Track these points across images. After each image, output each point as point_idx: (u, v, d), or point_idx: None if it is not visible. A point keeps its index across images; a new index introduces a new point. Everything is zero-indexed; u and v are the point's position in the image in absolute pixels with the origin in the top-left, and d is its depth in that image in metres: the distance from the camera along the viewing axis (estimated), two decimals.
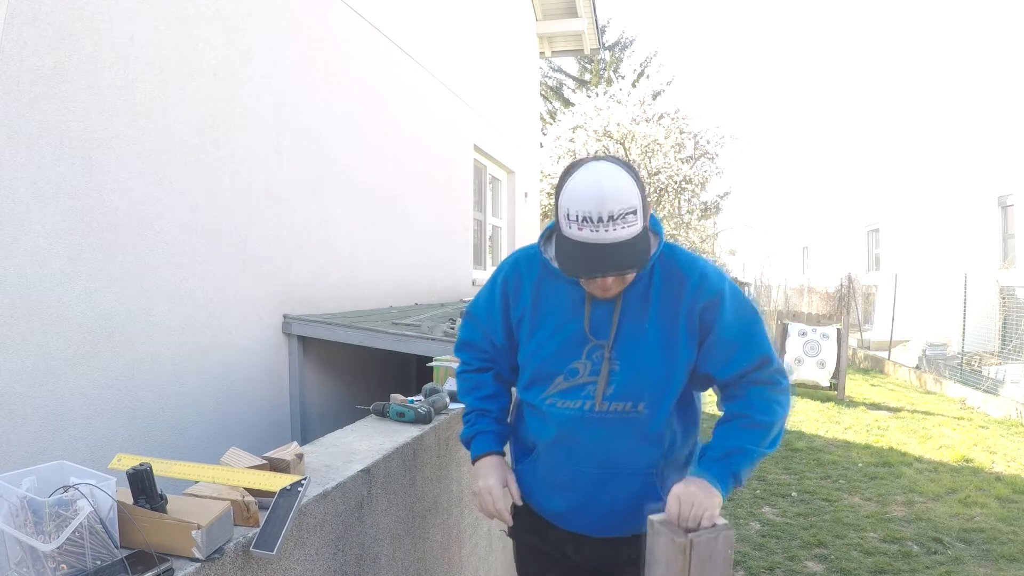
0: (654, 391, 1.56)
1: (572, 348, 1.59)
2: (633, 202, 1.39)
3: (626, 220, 1.39)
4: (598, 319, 1.57)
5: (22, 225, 2.42)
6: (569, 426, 1.60)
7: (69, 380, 2.62)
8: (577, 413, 1.58)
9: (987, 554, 3.94)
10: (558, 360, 1.60)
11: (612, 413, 1.56)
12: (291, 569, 1.33)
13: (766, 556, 3.97)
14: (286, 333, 4.00)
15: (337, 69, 4.60)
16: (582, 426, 1.58)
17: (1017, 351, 8.80)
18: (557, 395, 1.60)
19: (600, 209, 1.37)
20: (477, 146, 7.69)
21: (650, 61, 25.84)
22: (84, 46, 2.65)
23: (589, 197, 1.38)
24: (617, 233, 1.39)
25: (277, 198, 3.93)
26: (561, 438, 1.62)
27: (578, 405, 1.58)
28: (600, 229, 1.38)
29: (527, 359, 1.66)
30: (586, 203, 1.38)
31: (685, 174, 19.59)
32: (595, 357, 1.57)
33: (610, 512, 1.62)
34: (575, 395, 1.58)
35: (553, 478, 1.66)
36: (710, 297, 1.55)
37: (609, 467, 1.59)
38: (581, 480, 1.61)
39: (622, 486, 1.60)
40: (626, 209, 1.38)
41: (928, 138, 13.44)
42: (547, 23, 10.51)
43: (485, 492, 1.67)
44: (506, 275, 1.70)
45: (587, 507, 1.63)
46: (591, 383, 1.57)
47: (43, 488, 1.03)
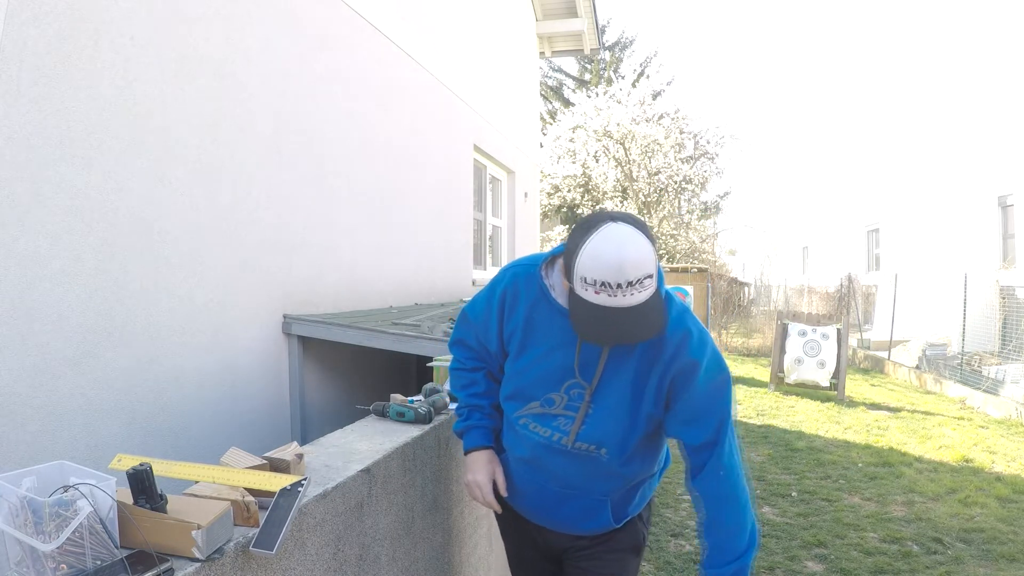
0: (617, 440, 1.63)
1: (554, 379, 1.63)
2: (650, 268, 1.41)
3: (643, 285, 1.40)
4: (585, 358, 1.60)
5: (22, 225, 2.42)
6: (537, 451, 1.71)
7: (69, 380, 2.62)
8: (546, 441, 1.68)
9: (987, 554, 3.94)
10: (538, 386, 1.66)
11: (578, 451, 1.66)
12: (291, 569, 1.33)
13: (766, 556, 3.97)
14: (286, 333, 4.00)
15: (337, 69, 4.60)
16: (549, 454, 1.69)
17: (1017, 351, 8.80)
18: (530, 417, 1.69)
19: (619, 278, 1.38)
20: (477, 146, 7.69)
21: (650, 61, 25.87)
22: (84, 46, 2.65)
23: (608, 266, 1.38)
24: (634, 298, 1.40)
25: (277, 198, 3.92)
26: (530, 459, 1.74)
27: (547, 434, 1.67)
28: (617, 294, 1.39)
29: (510, 376, 1.73)
30: (605, 272, 1.38)
31: (685, 174, 19.60)
32: (573, 394, 1.63)
33: (568, 519, 1.78)
34: (547, 423, 1.67)
35: (520, 485, 1.79)
36: (685, 365, 1.57)
37: (570, 488, 1.72)
38: (545, 495, 1.76)
39: (581, 503, 1.74)
40: (644, 275, 1.39)
41: (928, 138, 13.44)
42: (547, 23, 10.51)
43: (473, 486, 1.80)
44: (505, 287, 1.72)
45: (548, 515, 1.80)
46: (563, 416, 1.64)
47: (43, 488, 1.03)
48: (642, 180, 19.71)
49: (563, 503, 1.75)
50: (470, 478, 1.81)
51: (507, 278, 1.73)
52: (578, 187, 20.62)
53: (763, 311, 18.16)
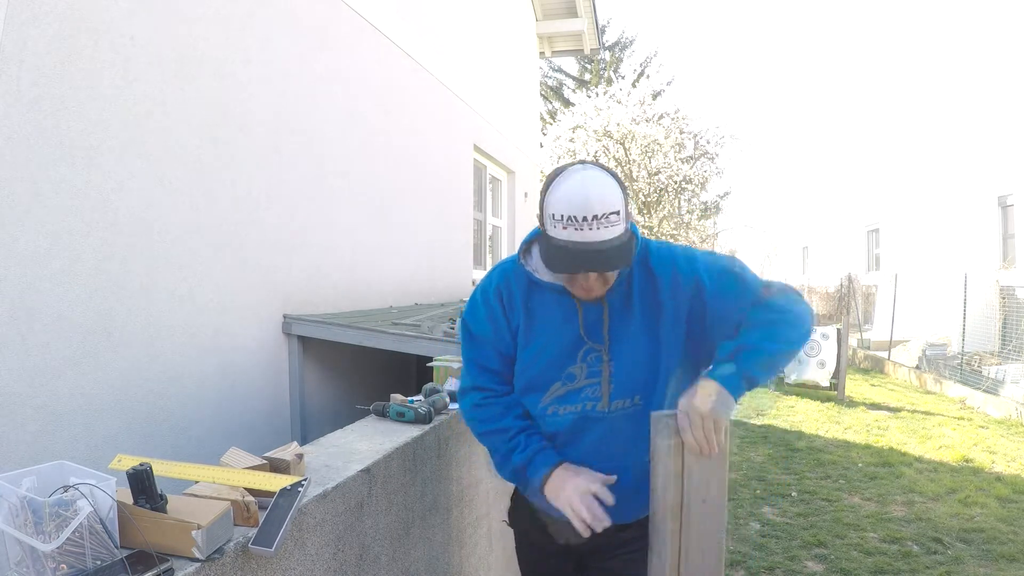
0: (650, 383, 1.61)
1: (567, 354, 1.64)
2: (616, 205, 1.46)
3: (609, 220, 1.45)
4: (589, 323, 1.62)
5: (22, 225, 2.42)
6: (572, 429, 1.64)
7: (69, 380, 2.62)
8: (580, 415, 1.63)
9: (987, 554, 3.94)
10: (555, 368, 1.65)
11: (616, 411, 1.62)
12: (291, 569, 1.33)
13: (766, 556, 3.97)
14: (286, 333, 4.00)
15: (337, 69, 4.60)
16: (587, 426, 1.63)
17: (1017, 351, 8.80)
18: (555, 401, 1.65)
19: (585, 211, 1.43)
20: (477, 146, 7.69)
21: (650, 61, 25.85)
22: (84, 46, 2.65)
23: (575, 200, 1.44)
24: (600, 233, 1.45)
25: (277, 198, 3.92)
26: (565, 443, 1.65)
27: (579, 408, 1.63)
28: (584, 228, 1.44)
29: (523, 369, 1.69)
30: (571, 206, 1.44)
31: (685, 174, 19.59)
32: (591, 359, 1.62)
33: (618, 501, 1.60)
34: (574, 399, 1.63)
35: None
36: (688, 286, 1.61)
37: (609, 461, 1.62)
38: None
39: (621, 477, 1.62)
40: (609, 210, 1.45)
41: (928, 138, 13.44)
42: (547, 23, 10.51)
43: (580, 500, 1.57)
44: (498, 286, 1.71)
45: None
46: (588, 385, 1.62)
47: (43, 488, 1.03)
48: (642, 180, 19.71)
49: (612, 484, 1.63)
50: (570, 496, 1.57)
51: (496, 277, 1.74)
52: None
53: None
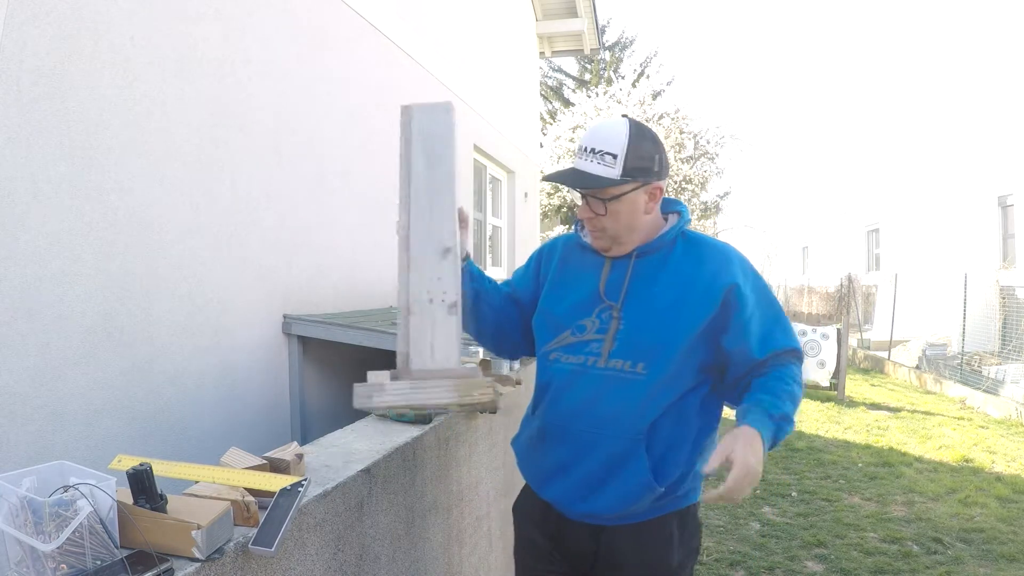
0: (655, 350, 1.60)
1: (585, 307, 1.68)
2: (614, 148, 1.58)
3: (603, 159, 1.58)
4: (612, 283, 1.67)
5: (22, 225, 2.42)
6: (567, 380, 1.66)
7: (69, 380, 2.62)
8: (576, 367, 1.65)
9: (987, 554, 3.94)
10: (570, 315, 1.69)
11: (611, 370, 1.62)
12: (291, 569, 1.33)
13: (766, 556, 3.97)
14: (286, 333, 4.00)
15: (337, 69, 4.60)
16: (579, 380, 1.64)
17: (1017, 351, 8.80)
18: (561, 349, 1.69)
19: (586, 142, 1.62)
20: (477, 146, 7.70)
21: (650, 61, 25.86)
22: (84, 46, 2.65)
23: (585, 135, 1.65)
24: (588, 165, 1.60)
25: (277, 198, 3.92)
26: (558, 393, 1.68)
27: (580, 360, 1.65)
28: (580, 157, 1.62)
29: (541, 309, 1.77)
30: (582, 139, 1.64)
31: (685, 174, 19.59)
32: (604, 316, 1.65)
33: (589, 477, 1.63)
34: (579, 351, 1.66)
35: (545, 437, 1.70)
36: (736, 278, 1.62)
37: (597, 426, 1.62)
38: (569, 436, 1.65)
39: (605, 448, 1.61)
40: (605, 150, 1.58)
41: (928, 138, 13.44)
42: (547, 23, 10.51)
43: None
44: (546, 245, 1.88)
45: (571, 468, 1.65)
46: (595, 340, 1.64)
47: (43, 488, 1.03)
48: None
49: (590, 448, 1.62)
50: None
51: (550, 241, 1.88)
52: None
53: None
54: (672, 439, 1.62)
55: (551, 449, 1.69)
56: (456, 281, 1.63)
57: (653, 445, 1.60)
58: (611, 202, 1.62)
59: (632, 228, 1.66)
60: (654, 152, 1.62)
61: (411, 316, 1.61)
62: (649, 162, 1.61)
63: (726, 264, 1.65)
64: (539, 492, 1.75)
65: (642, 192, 1.63)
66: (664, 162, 1.66)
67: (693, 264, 1.65)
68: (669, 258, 1.67)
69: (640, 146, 1.60)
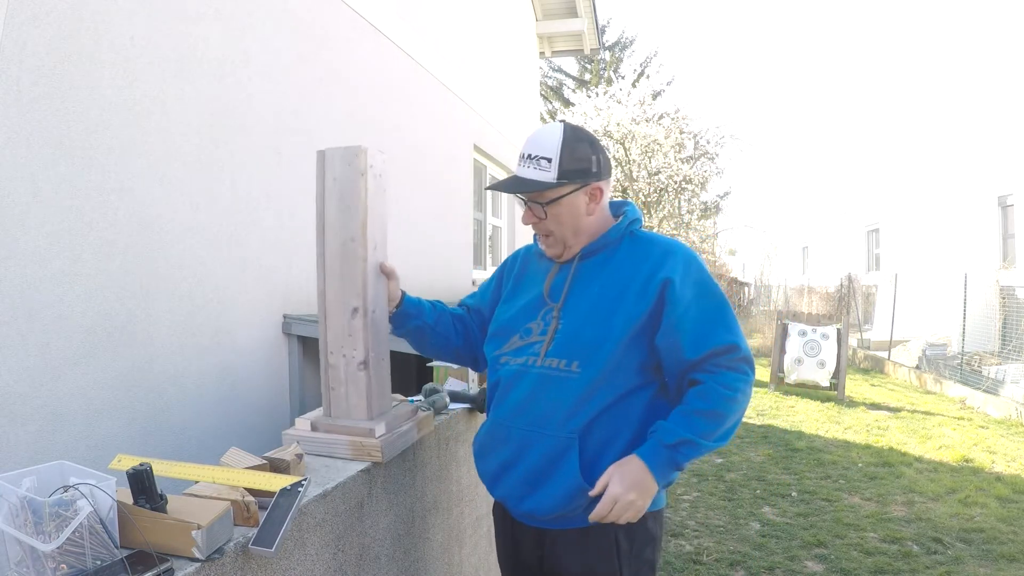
0: (588, 348, 1.59)
1: (532, 310, 1.72)
2: (548, 152, 1.61)
3: (539, 164, 1.62)
4: (556, 285, 1.71)
5: (22, 225, 2.42)
6: (511, 380, 1.69)
7: (69, 380, 2.62)
8: (517, 368, 1.68)
9: (987, 554, 3.94)
10: (518, 320, 1.73)
11: (547, 368, 1.63)
12: (291, 569, 1.32)
13: (766, 556, 3.97)
14: (286, 333, 3.99)
15: (337, 69, 4.60)
16: (519, 379, 1.67)
17: (1017, 351, 8.80)
18: (510, 353, 1.72)
19: (524, 149, 1.66)
20: (477, 146, 7.69)
21: (650, 61, 25.85)
22: (84, 46, 2.65)
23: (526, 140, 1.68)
24: (526, 172, 1.64)
25: (277, 198, 3.92)
26: (504, 393, 1.71)
27: (522, 361, 1.68)
28: (520, 164, 1.66)
29: (498, 314, 1.82)
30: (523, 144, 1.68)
31: (685, 174, 19.58)
32: (547, 318, 1.68)
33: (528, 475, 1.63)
34: (523, 352, 1.69)
35: (493, 436, 1.73)
36: (672, 273, 1.60)
37: (535, 425, 1.63)
38: (511, 437, 1.66)
39: (541, 447, 1.62)
40: (540, 155, 1.62)
41: (928, 138, 13.43)
42: (547, 23, 10.51)
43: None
44: (509, 258, 1.93)
45: (513, 466, 1.66)
46: (538, 342, 1.67)
47: (43, 488, 1.03)
48: (642, 180, 19.70)
49: (527, 447, 1.63)
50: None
51: (512, 254, 1.95)
52: None
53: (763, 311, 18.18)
54: (609, 440, 1.60)
55: (497, 448, 1.71)
56: (366, 339, 1.69)
57: (587, 445, 1.59)
58: (549, 205, 1.64)
59: (577, 230, 1.68)
60: (591, 153, 1.64)
61: (329, 368, 1.71)
62: (586, 163, 1.63)
63: (664, 260, 1.63)
64: (491, 491, 1.78)
65: (581, 194, 1.65)
66: (603, 163, 1.67)
67: (635, 262, 1.65)
68: (613, 258, 1.68)
69: (575, 148, 1.63)
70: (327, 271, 1.71)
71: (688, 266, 1.62)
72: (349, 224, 1.69)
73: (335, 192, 1.70)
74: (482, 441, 1.78)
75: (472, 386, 2.46)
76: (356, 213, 1.68)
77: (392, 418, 1.75)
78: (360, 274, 1.69)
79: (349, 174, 1.69)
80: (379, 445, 1.64)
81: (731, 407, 1.55)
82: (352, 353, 1.69)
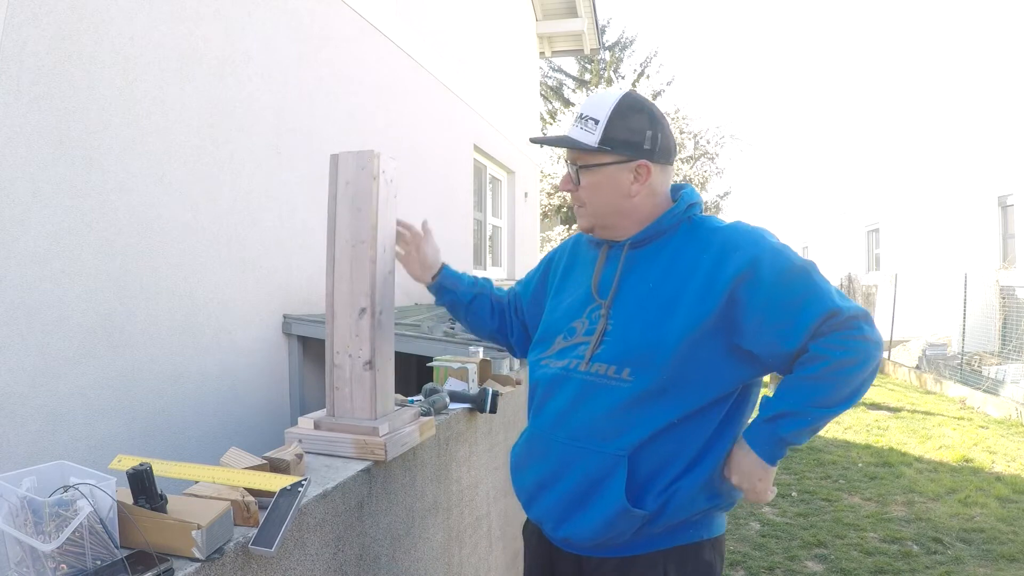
0: (642, 354, 1.38)
1: (577, 308, 1.53)
2: (598, 114, 1.46)
3: (586, 124, 1.47)
4: (605, 279, 1.51)
5: (22, 225, 2.42)
6: (550, 386, 1.50)
7: (69, 380, 2.62)
8: (561, 373, 1.48)
9: (987, 554, 3.94)
10: (563, 319, 1.55)
11: (594, 375, 1.42)
12: (291, 569, 1.32)
13: (766, 556, 3.97)
14: (286, 333, 3.99)
15: (337, 69, 4.60)
16: (559, 385, 1.48)
17: (1017, 351, 8.80)
18: (553, 355, 1.53)
19: (581, 107, 1.51)
20: (477, 146, 7.69)
21: (650, 61, 25.82)
22: (84, 46, 2.65)
23: None
24: (574, 131, 1.48)
25: (277, 198, 3.92)
26: (542, 400, 1.53)
27: (564, 364, 1.49)
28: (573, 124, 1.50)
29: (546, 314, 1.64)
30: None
31: (685, 174, 19.58)
32: (593, 317, 1.49)
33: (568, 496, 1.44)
34: (566, 354, 1.50)
35: (531, 450, 1.55)
36: (741, 265, 1.36)
37: (577, 440, 1.43)
38: (551, 451, 1.47)
39: (584, 464, 1.42)
40: (589, 115, 1.47)
41: (928, 138, 13.44)
42: (547, 23, 10.51)
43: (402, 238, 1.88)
44: (557, 250, 1.78)
45: (552, 485, 1.47)
46: (583, 343, 1.47)
47: (43, 488, 1.03)
48: None
49: (569, 464, 1.44)
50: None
51: (561, 245, 1.78)
52: None
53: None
54: (664, 462, 1.40)
55: (535, 463, 1.52)
56: (372, 339, 1.68)
57: (638, 467, 1.39)
58: (584, 171, 1.48)
59: (617, 211, 1.48)
60: (646, 127, 1.45)
61: (334, 368, 1.71)
62: (637, 136, 1.44)
63: (729, 250, 1.39)
64: (527, 511, 1.59)
65: (624, 169, 1.45)
66: (661, 142, 1.46)
67: (694, 252, 1.42)
68: (666, 247, 1.47)
69: (629, 116, 1.44)
70: (336, 272, 1.71)
71: (757, 249, 1.38)
72: (360, 227, 1.69)
73: (347, 195, 1.70)
74: (519, 453, 1.60)
75: (472, 386, 2.46)
76: (367, 216, 1.69)
77: (395, 419, 1.76)
78: (369, 276, 1.69)
79: (361, 178, 1.70)
80: (383, 443, 1.65)
81: (840, 370, 1.32)
82: (358, 353, 1.70)
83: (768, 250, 1.38)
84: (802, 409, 1.35)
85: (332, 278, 1.72)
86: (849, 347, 1.32)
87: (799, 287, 1.36)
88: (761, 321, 1.35)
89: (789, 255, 1.39)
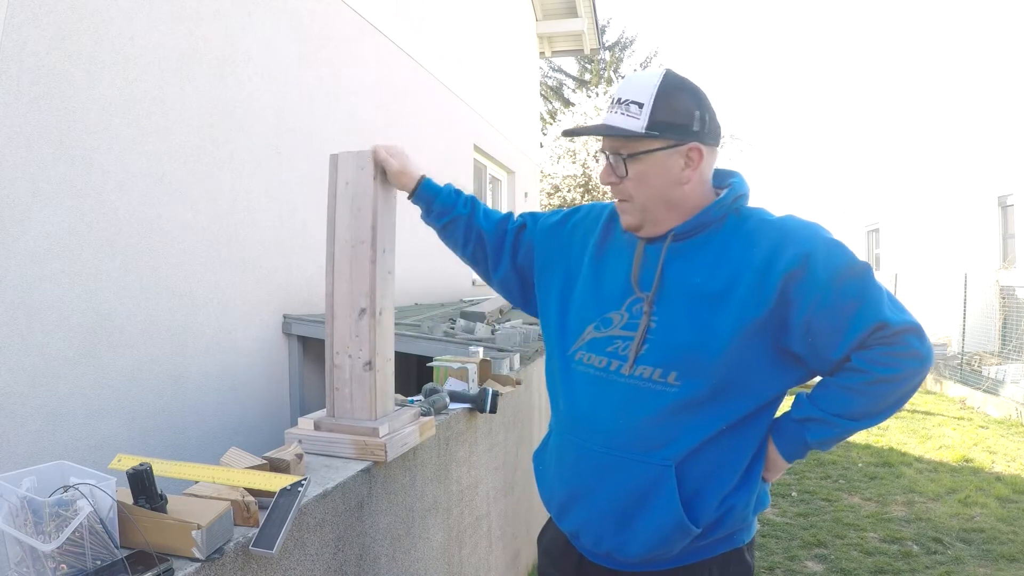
0: (689, 356, 1.30)
1: (614, 298, 1.40)
2: (641, 97, 1.32)
3: (628, 109, 1.33)
4: (646, 271, 1.39)
5: (22, 225, 2.42)
6: (587, 388, 1.39)
7: (69, 380, 2.62)
8: (600, 374, 1.37)
9: (987, 554, 3.94)
10: (596, 307, 1.42)
11: (637, 378, 1.33)
12: (291, 569, 1.32)
13: (766, 556, 3.97)
14: (286, 333, 3.99)
15: (337, 69, 4.60)
16: (599, 391, 1.36)
17: (1017, 351, 8.80)
18: (584, 347, 1.41)
19: (615, 93, 1.37)
20: (477, 146, 7.69)
21: (650, 61, 25.82)
22: (84, 46, 2.65)
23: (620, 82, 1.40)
24: (614, 118, 1.35)
25: (277, 198, 3.92)
26: (573, 402, 1.42)
27: (603, 364, 1.37)
28: (609, 111, 1.37)
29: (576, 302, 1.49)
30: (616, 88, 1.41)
31: None
32: (634, 311, 1.37)
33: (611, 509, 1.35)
34: (602, 348, 1.37)
35: (561, 457, 1.44)
36: (795, 261, 1.28)
37: (619, 449, 1.33)
38: (587, 460, 1.37)
39: (626, 475, 1.33)
40: (631, 99, 1.33)
41: (928, 138, 13.44)
42: (547, 23, 10.52)
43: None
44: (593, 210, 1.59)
45: (590, 496, 1.38)
46: (623, 337, 1.36)
47: (43, 488, 1.03)
48: None
49: (606, 474, 1.34)
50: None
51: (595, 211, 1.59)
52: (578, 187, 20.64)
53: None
54: (712, 472, 1.33)
55: (567, 471, 1.42)
56: (372, 340, 1.67)
57: (686, 477, 1.31)
58: (632, 160, 1.34)
59: (666, 201, 1.36)
60: (693, 107, 1.33)
61: (334, 369, 1.71)
62: (686, 118, 1.32)
63: (783, 244, 1.30)
64: (557, 522, 1.49)
65: (675, 154, 1.33)
66: (709, 123, 1.35)
67: (744, 247, 1.33)
68: (713, 240, 1.36)
69: (674, 97, 1.32)
70: (336, 272, 1.71)
71: (811, 245, 1.30)
72: (359, 227, 1.69)
73: (346, 195, 1.70)
74: (547, 460, 1.50)
75: (472, 386, 2.46)
76: (366, 216, 1.68)
77: (395, 419, 1.75)
78: (368, 276, 1.68)
79: (361, 178, 1.69)
80: (383, 444, 1.65)
81: (879, 385, 1.27)
82: (358, 354, 1.69)
83: (822, 246, 1.30)
84: (833, 419, 1.32)
85: (332, 278, 1.72)
86: (892, 364, 1.27)
87: (852, 291, 1.27)
88: (809, 322, 1.28)
89: (845, 253, 1.31)
